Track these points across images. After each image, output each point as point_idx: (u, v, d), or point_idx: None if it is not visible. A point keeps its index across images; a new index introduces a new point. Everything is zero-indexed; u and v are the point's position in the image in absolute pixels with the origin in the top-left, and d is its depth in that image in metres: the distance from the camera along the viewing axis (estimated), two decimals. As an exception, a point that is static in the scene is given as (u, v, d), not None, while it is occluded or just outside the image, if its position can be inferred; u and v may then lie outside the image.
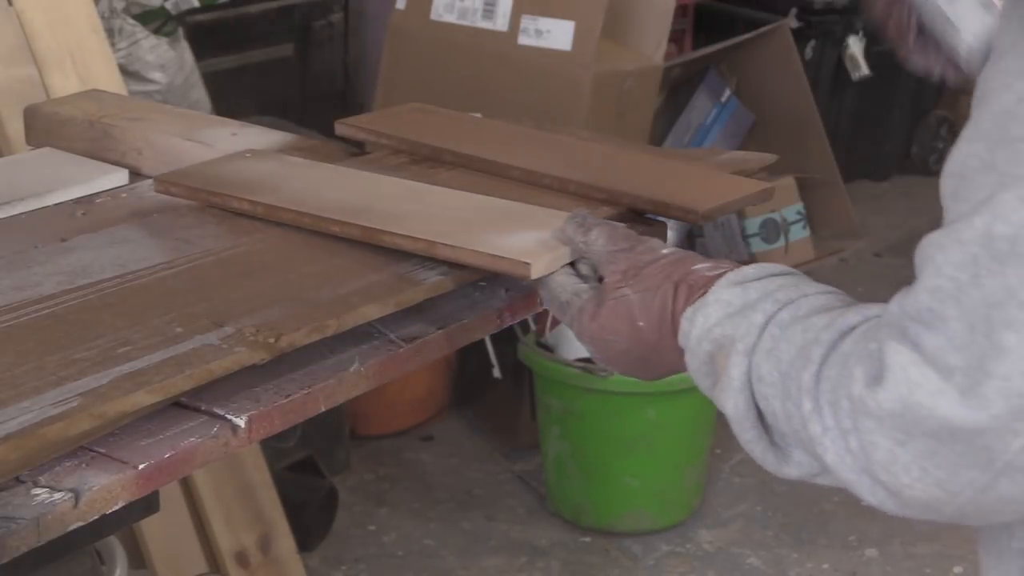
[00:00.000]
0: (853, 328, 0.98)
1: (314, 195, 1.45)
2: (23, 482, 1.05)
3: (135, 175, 1.63)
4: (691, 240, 3.96)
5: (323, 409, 1.23)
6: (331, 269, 1.34)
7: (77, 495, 1.04)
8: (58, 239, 1.42)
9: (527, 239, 1.31)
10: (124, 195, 1.57)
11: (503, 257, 1.29)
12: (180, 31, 3.29)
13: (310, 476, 3.01)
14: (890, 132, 5.09)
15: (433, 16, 3.44)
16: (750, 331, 1.03)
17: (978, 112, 0.92)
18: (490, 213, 1.40)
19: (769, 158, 1.75)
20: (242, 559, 2.52)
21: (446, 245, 1.33)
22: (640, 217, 1.52)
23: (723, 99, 3.98)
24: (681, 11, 4.10)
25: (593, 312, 1.17)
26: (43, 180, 1.60)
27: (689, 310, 1.09)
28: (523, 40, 3.34)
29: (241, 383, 1.18)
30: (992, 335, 0.88)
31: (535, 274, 1.26)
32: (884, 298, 0.99)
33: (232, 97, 3.55)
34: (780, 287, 1.05)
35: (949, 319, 0.89)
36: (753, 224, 3.84)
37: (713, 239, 3.92)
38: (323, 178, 1.51)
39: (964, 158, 0.92)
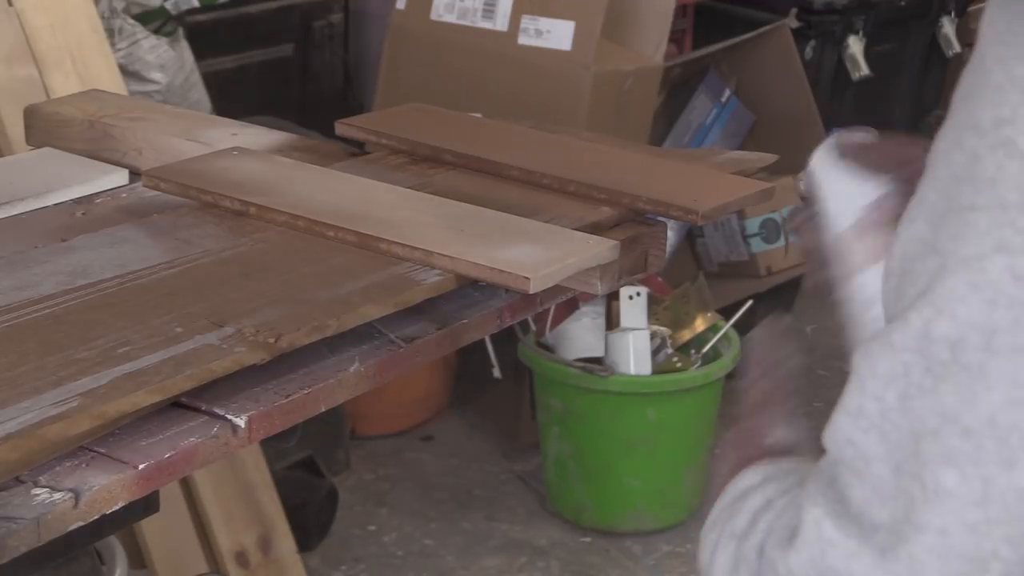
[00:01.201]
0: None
1: (308, 198, 1.45)
2: (23, 482, 1.05)
3: (135, 175, 1.64)
4: (691, 240, 3.95)
5: (323, 409, 1.23)
6: (331, 269, 1.34)
7: (77, 495, 1.04)
8: (58, 239, 1.42)
9: (522, 252, 1.32)
10: (124, 195, 1.57)
11: (502, 270, 1.30)
12: (180, 31, 3.29)
13: (310, 476, 3.01)
14: (890, 132, 5.08)
15: (433, 16, 3.44)
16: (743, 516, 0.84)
17: (922, 186, 0.74)
18: (483, 224, 1.41)
19: (769, 158, 1.75)
20: (242, 559, 2.51)
21: (444, 255, 1.33)
22: (640, 217, 1.52)
23: (723, 99, 3.98)
24: (681, 11, 4.10)
25: None
26: (43, 180, 1.60)
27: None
28: (523, 40, 3.34)
29: (241, 383, 1.18)
30: (923, 475, 0.68)
31: (533, 289, 1.27)
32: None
33: (232, 97, 3.54)
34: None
35: (873, 458, 0.71)
36: (753, 224, 3.84)
37: (713, 239, 3.92)
38: (315, 181, 1.51)
39: (904, 246, 0.73)
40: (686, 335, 3.18)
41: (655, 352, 3.10)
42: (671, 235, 1.55)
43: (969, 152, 0.70)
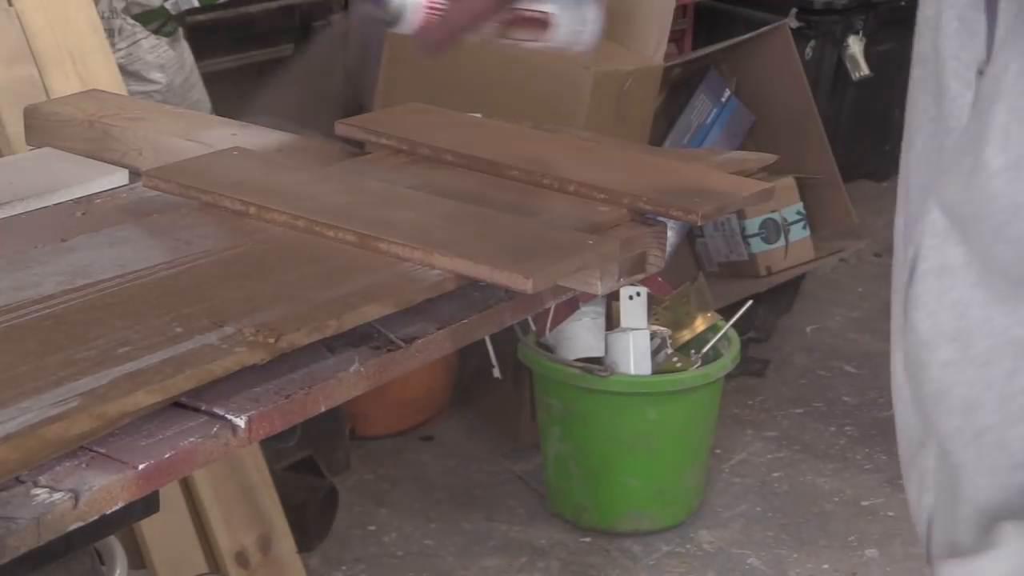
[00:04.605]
0: None
1: (308, 198, 1.45)
2: (23, 482, 1.05)
3: (135, 175, 1.64)
4: (691, 240, 3.96)
5: (323, 409, 1.23)
6: (331, 269, 1.34)
7: (77, 495, 1.04)
8: (58, 239, 1.42)
9: (522, 252, 1.32)
10: (124, 195, 1.57)
11: (502, 270, 1.30)
12: (180, 31, 3.29)
13: (310, 476, 3.01)
14: (890, 132, 5.09)
15: (433, 16, 3.44)
16: None
17: None
18: (484, 223, 1.41)
19: (769, 158, 1.75)
20: (242, 559, 2.51)
21: (444, 255, 1.33)
22: (640, 217, 1.52)
23: (723, 99, 3.98)
24: (681, 11, 4.11)
25: None
26: (43, 180, 1.60)
27: None
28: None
29: (241, 383, 1.18)
30: None
31: (533, 289, 1.28)
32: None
33: (232, 97, 3.54)
34: None
35: None
36: (753, 224, 3.84)
37: (713, 239, 3.92)
38: (315, 181, 1.51)
39: None
40: (686, 335, 3.18)
41: (655, 352, 3.10)
42: (671, 235, 1.55)
43: None
